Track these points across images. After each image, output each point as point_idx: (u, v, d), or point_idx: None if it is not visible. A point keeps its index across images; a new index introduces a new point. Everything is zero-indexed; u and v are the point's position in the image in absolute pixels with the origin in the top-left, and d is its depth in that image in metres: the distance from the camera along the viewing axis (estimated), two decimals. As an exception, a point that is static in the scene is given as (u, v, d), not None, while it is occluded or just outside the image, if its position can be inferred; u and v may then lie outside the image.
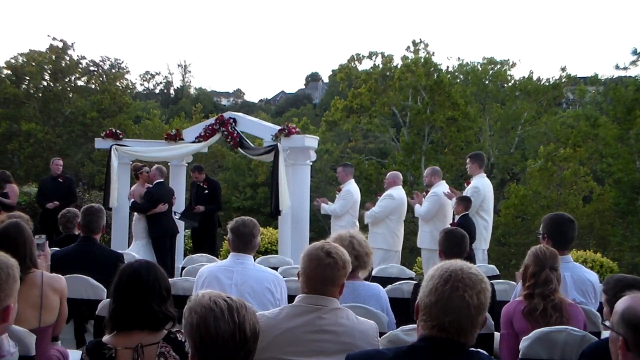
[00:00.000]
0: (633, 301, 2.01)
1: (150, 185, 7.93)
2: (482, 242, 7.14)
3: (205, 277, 3.69)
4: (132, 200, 7.89)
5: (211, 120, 8.37)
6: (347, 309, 2.67)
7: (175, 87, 58.96)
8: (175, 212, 8.28)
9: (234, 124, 8.09)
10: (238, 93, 69.28)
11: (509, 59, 29.47)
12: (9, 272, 2.22)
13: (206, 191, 8.74)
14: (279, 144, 7.58)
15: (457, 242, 4.03)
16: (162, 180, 7.95)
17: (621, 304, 2.04)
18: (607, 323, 2.13)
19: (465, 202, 6.72)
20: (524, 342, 3.12)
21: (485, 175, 7.56)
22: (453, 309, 1.90)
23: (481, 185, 7.22)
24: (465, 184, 7.57)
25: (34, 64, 26.58)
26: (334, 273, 2.58)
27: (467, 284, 1.92)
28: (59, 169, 9.38)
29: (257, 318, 1.99)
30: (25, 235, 3.31)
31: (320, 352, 2.51)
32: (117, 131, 8.70)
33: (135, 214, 7.92)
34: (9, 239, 3.22)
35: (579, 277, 3.90)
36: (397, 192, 7.62)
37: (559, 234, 3.96)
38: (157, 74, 61.53)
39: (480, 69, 29.55)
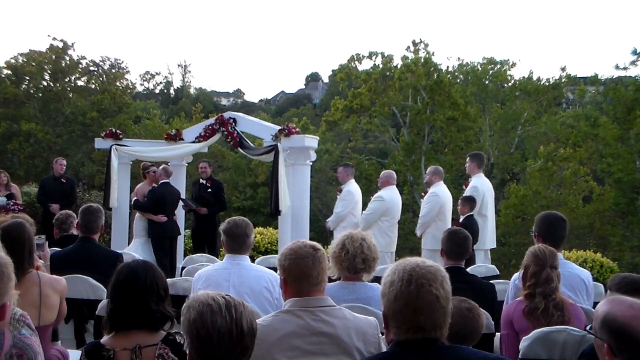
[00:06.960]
0: (612, 305, 2.00)
1: (156, 185, 7.95)
2: (484, 242, 7.13)
3: (202, 280, 3.68)
4: (135, 198, 7.91)
5: (211, 120, 8.37)
6: (342, 308, 2.63)
7: (175, 87, 58.80)
8: (182, 199, 8.32)
9: (234, 124, 8.08)
10: (238, 93, 69.20)
11: (509, 59, 29.48)
12: (3, 270, 2.20)
13: (209, 190, 8.73)
14: (279, 144, 7.58)
15: (459, 242, 4.00)
16: (167, 180, 7.95)
17: (601, 308, 2.03)
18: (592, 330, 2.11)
19: (470, 203, 6.70)
20: (523, 342, 3.11)
21: (483, 175, 7.56)
22: (425, 306, 1.90)
23: (479, 184, 7.22)
24: (464, 186, 7.58)
25: (34, 64, 26.55)
26: (315, 265, 2.56)
27: (430, 278, 1.93)
28: (62, 168, 9.34)
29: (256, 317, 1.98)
30: (26, 236, 3.30)
31: (320, 353, 2.48)
32: (117, 131, 8.68)
33: (137, 212, 7.93)
34: (10, 238, 3.20)
35: (569, 273, 3.89)
36: (388, 193, 7.54)
37: (549, 233, 3.98)
38: (157, 74, 61.34)
39: (480, 69, 29.51)
